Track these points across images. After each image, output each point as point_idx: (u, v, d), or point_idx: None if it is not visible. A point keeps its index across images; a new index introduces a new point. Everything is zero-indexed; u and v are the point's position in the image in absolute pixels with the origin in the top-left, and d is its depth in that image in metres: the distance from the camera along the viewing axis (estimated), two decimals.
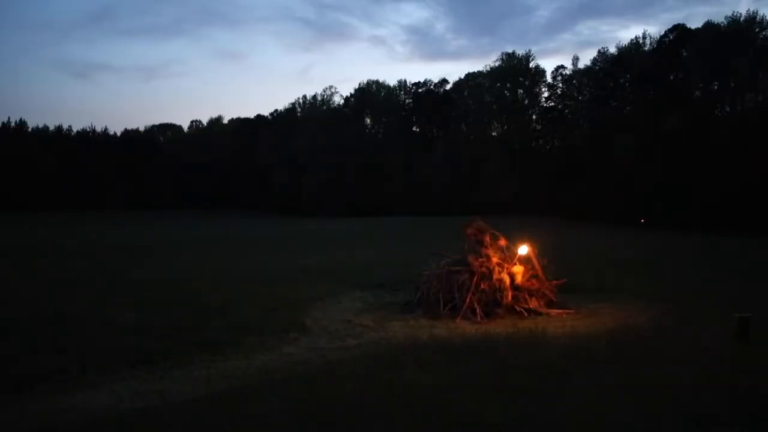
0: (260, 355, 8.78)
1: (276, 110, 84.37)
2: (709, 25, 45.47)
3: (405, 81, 73.44)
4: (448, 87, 69.97)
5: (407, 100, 73.33)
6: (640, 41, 51.31)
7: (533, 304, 11.96)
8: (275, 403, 6.35)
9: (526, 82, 61.95)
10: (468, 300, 11.55)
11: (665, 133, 41.87)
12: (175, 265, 18.29)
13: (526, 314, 11.61)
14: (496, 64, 63.05)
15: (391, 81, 79.09)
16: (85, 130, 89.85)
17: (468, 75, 67.11)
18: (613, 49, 53.66)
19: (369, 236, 30.94)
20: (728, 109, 45.26)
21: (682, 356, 8.06)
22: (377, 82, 74.21)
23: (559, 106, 60.53)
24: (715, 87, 45.07)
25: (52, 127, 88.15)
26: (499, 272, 12.09)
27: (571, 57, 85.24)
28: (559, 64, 71.07)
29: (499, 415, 5.93)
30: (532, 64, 62.13)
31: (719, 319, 10.49)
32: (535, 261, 12.67)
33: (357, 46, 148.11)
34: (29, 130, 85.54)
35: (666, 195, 40.20)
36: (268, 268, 17.48)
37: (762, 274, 16.66)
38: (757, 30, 43.28)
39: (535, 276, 12.46)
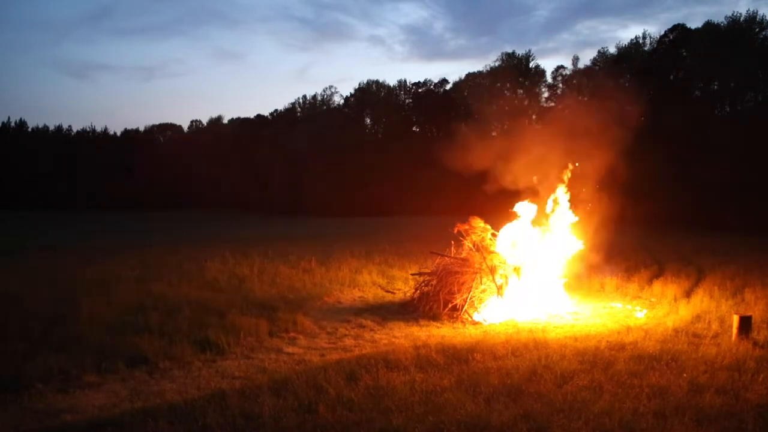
0: (260, 355, 8.79)
1: (276, 110, 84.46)
2: (709, 25, 45.49)
3: (405, 81, 73.47)
4: (448, 87, 70.07)
5: (407, 100, 73.36)
6: (640, 41, 51.40)
7: None
8: (275, 403, 6.36)
9: (526, 82, 62.01)
10: (468, 300, 11.54)
11: (665, 133, 41.84)
12: (173, 265, 18.27)
13: None
14: (496, 64, 63.20)
15: (390, 81, 79.19)
16: (85, 129, 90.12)
17: (468, 75, 67.30)
18: (612, 49, 53.77)
19: (369, 236, 30.96)
20: (728, 109, 45.25)
21: (682, 356, 8.07)
22: (377, 81, 74.18)
23: (559, 107, 60.59)
24: (715, 87, 45.08)
25: (52, 127, 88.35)
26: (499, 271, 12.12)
27: (570, 57, 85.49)
28: (559, 64, 71.35)
29: (500, 415, 5.93)
30: (531, 64, 62.25)
31: (719, 318, 10.51)
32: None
33: (356, 46, 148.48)
34: (29, 130, 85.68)
35: (664, 195, 40.18)
36: (267, 268, 17.47)
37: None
38: (757, 30, 43.30)
39: None
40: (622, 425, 5.73)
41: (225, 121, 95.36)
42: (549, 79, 61.41)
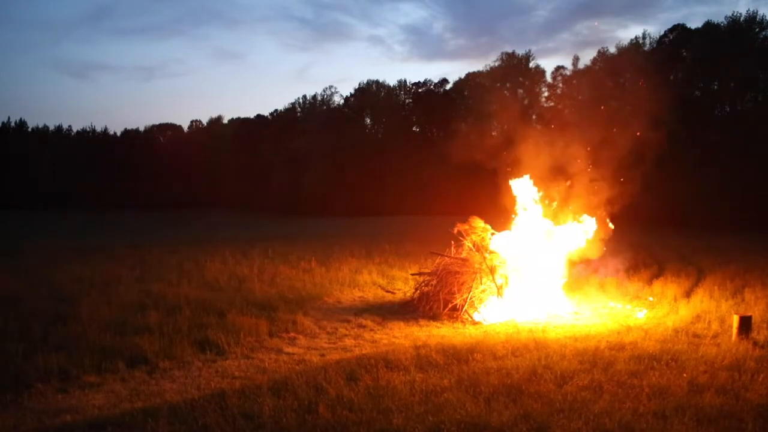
0: (260, 355, 8.79)
1: (276, 110, 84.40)
2: (709, 25, 45.49)
3: (405, 81, 73.45)
4: (448, 87, 70.07)
5: (407, 100, 73.36)
6: (640, 41, 51.32)
7: None
8: (275, 403, 6.36)
9: (526, 82, 62.00)
10: (468, 300, 11.54)
11: (664, 133, 41.86)
12: (173, 265, 18.26)
13: None
14: (496, 64, 63.16)
15: (390, 81, 79.16)
16: (85, 129, 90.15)
17: (468, 75, 67.28)
18: (612, 49, 53.67)
19: (369, 236, 30.96)
20: (728, 109, 45.24)
21: (682, 356, 8.07)
22: (377, 81, 74.16)
23: (559, 106, 60.58)
24: (715, 87, 45.07)
25: (52, 127, 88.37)
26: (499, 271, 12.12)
27: (570, 57, 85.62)
28: (558, 64, 71.38)
29: (500, 415, 5.93)
30: (531, 64, 62.23)
31: (719, 318, 10.51)
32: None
33: (356, 46, 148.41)
34: (29, 130, 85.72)
35: (664, 194, 40.19)
36: (267, 268, 17.47)
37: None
38: (757, 30, 43.29)
39: None
40: (622, 425, 5.73)
41: (225, 121, 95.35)
42: (549, 79, 61.46)
